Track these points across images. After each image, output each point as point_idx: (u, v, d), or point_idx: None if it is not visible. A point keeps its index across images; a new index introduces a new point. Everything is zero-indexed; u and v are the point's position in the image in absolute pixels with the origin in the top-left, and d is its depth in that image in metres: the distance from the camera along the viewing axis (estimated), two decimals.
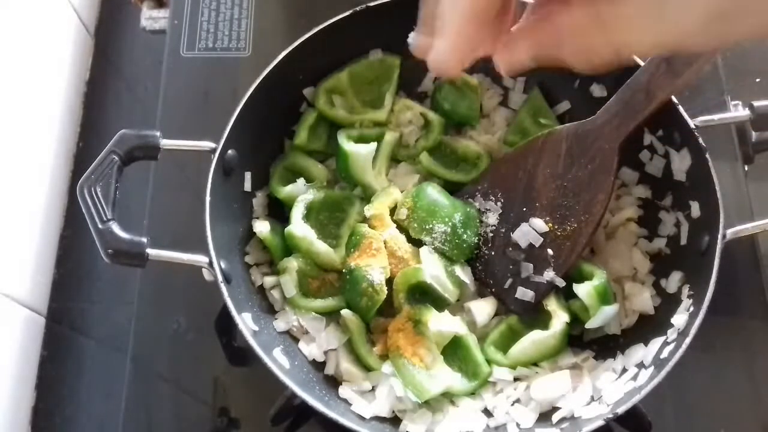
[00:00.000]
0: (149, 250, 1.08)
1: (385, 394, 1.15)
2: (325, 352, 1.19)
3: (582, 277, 1.20)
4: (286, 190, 1.26)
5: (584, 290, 1.17)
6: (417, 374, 1.13)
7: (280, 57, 1.22)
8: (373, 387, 1.17)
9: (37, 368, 1.36)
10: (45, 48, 1.46)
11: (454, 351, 1.19)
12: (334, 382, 1.17)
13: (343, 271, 1.20)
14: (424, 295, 1.20)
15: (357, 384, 1.17)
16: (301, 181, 1.26)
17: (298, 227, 1.21)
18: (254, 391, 1.24)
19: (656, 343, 1.13)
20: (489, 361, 1.18)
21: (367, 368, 1.19)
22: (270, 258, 1.25)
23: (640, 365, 1.12)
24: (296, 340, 1.20)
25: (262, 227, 1.22)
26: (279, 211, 1.27)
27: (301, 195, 1.24)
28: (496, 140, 1.35)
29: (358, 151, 1.24)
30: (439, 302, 1.20)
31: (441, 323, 1.17)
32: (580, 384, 1.15)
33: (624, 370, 1.14)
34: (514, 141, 1.32)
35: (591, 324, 1.17)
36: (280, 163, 1.30)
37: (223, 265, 1.11)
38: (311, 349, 1.19)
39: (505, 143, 1.34)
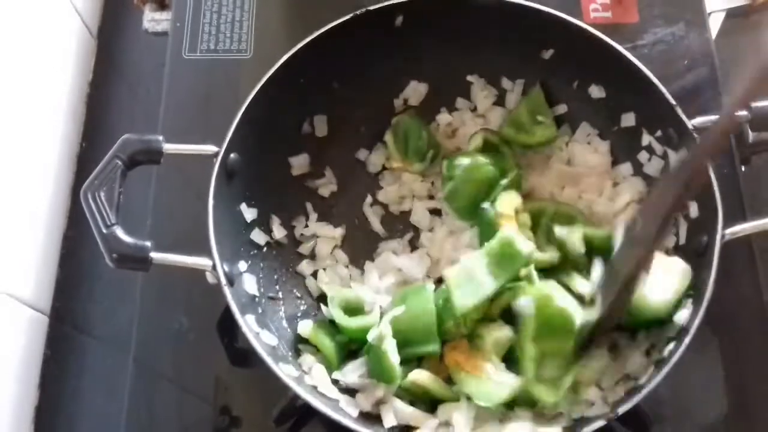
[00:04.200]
0: (153, 254, 1.08)
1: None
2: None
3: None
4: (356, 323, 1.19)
5: None
6: (483, 383, 1.11)
7: (282, 61, 1.23)
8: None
9: (41, 367, 1.36)
10: (48, 50, 1.46)
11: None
12: (338, 384, 1.17)
13: None
14: None
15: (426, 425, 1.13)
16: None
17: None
18: (256, 390, 1.24)
19: None
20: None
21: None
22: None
23: None
24: None
25: (305, 327, 1.19)
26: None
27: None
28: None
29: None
30: None
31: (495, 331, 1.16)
32: None
33: None
34: (509, 134, 1.32)
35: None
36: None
37: (226, 268, 1.11)
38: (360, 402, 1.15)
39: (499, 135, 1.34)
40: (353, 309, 1.21)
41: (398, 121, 1.36)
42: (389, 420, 1.11)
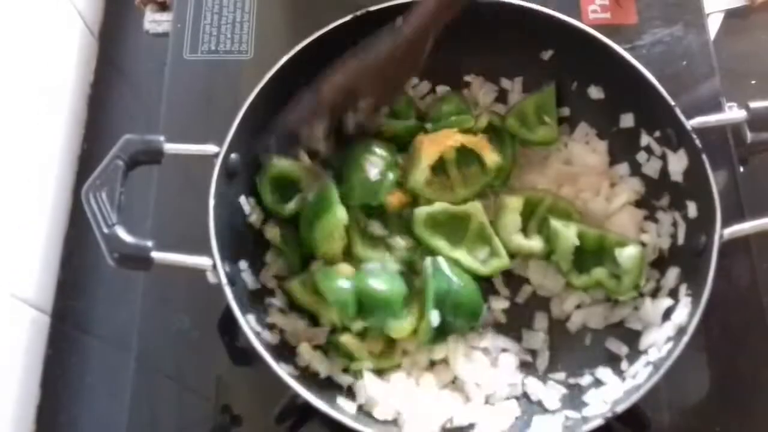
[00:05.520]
0: (154, 254, 1.08)
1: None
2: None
3: (604, 249, 1.22)
4: (290, 207, 1.25)
5: (628, 254, 1.18)
6: None
7: (282, 62, 1.23)
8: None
9: (42, 367, 1.36)
10: (50, 51, 1.46)
11: None
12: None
13: None
14: None
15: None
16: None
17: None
18: (256, 388, 1.25)
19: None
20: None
21: None
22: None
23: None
24: None
25: (272, 232, 1.23)
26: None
27: None
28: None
29: None
30: None
31: None
32: None
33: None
34: (512, 125, 1.32)
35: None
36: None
37: (227, 268, 1.11)
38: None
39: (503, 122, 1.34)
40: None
41: None
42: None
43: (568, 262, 1.23)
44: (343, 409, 1.11)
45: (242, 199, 1.22)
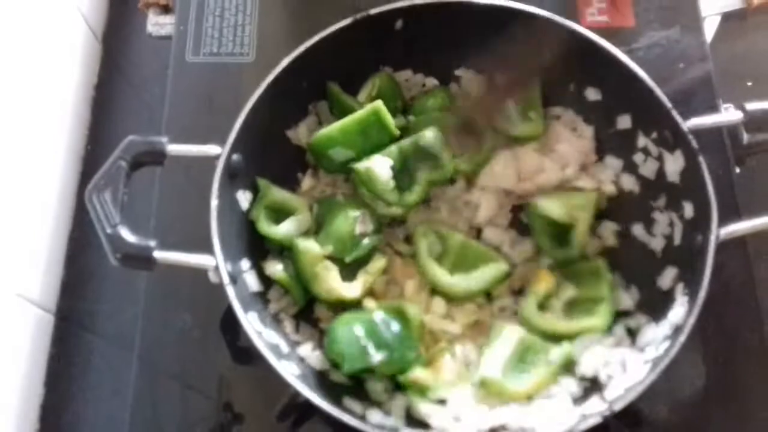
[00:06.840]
0: (157, 254, 1.09)
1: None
2: None
3: None
4: (281, 230, 1.24)
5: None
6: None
7: (283, 65, 1.24)
8: None
9: (47, 365, 1.37)
10: (54, 54, 1.48)
11: None
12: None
13: None
14: None
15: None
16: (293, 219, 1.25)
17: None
18: (258, 387, 1.25)
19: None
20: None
21: None
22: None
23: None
24: None
25: (274, 268, 1.22)
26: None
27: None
28: None
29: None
30: None
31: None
32: None
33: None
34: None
35: None
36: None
37: (229, 267, 1.12)
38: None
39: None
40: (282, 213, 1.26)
41: (374, 82, 1.36)
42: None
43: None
44: (344, 408, 1.11)
45: (239, 194, 1.23)
